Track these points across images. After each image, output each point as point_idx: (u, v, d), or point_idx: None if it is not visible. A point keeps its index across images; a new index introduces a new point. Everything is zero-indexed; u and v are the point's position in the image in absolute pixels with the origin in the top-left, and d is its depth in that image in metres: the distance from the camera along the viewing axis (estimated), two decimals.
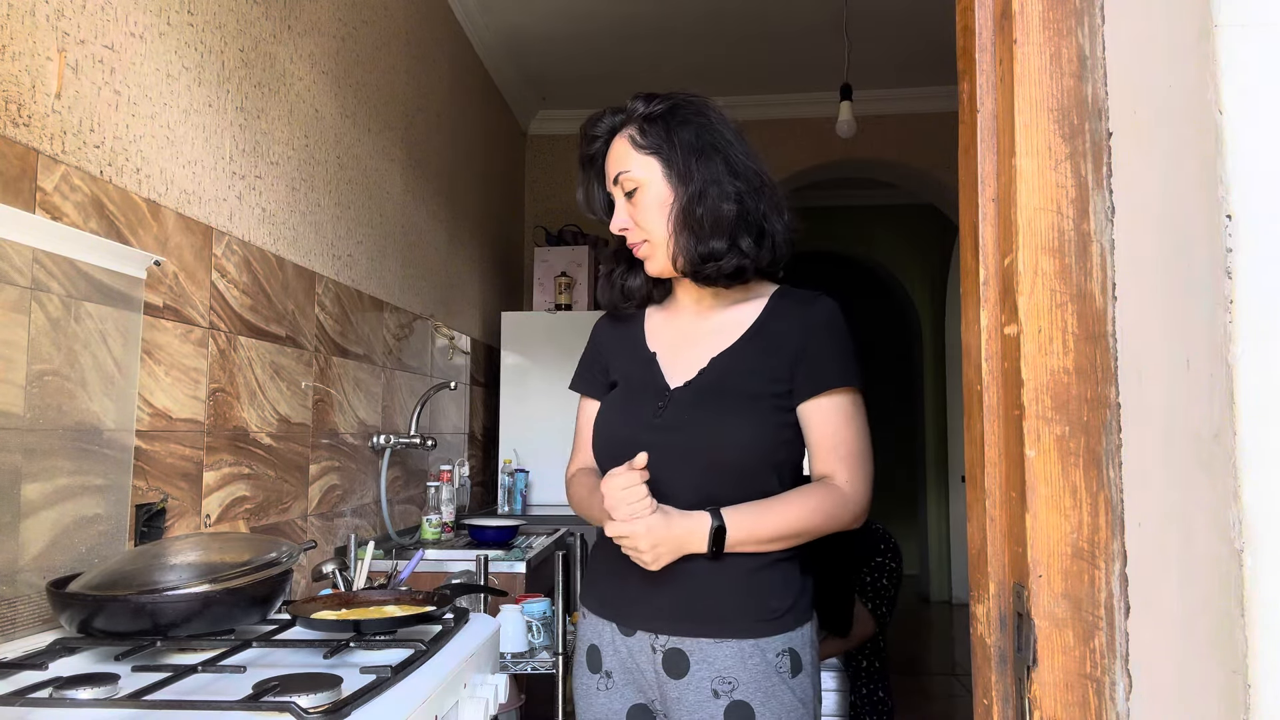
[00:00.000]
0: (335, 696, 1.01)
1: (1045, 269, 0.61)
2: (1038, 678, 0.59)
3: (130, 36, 1.61)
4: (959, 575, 6.71)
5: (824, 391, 1.34)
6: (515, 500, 3.69)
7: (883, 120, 4.77)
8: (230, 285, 1.92)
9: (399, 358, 3.01)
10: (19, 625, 1.30)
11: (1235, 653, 0.45)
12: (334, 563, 1.94)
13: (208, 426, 1.82)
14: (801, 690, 1.32)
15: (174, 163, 1.74)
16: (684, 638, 1.32)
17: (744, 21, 3.96)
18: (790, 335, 1.37)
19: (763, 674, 1.29)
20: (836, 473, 1.33)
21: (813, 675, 1.35)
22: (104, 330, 1.47)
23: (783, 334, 1.38)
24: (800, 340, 1.36)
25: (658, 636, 1.33)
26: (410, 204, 3.17)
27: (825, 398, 1.34)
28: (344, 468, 2.52)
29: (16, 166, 1.33)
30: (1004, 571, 0.66)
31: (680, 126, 1.40)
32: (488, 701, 1.34)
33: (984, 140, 0.68)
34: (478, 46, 4.02)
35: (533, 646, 2.22)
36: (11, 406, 1.27)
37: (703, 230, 1.33)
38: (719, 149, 1.37)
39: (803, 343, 1.36)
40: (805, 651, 1.34)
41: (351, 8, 2.63)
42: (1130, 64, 0.58)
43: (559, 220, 4.91)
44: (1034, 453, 0.60)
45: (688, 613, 1.31)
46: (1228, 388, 0.46)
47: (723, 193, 1.33)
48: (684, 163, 1.36)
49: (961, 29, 0.73)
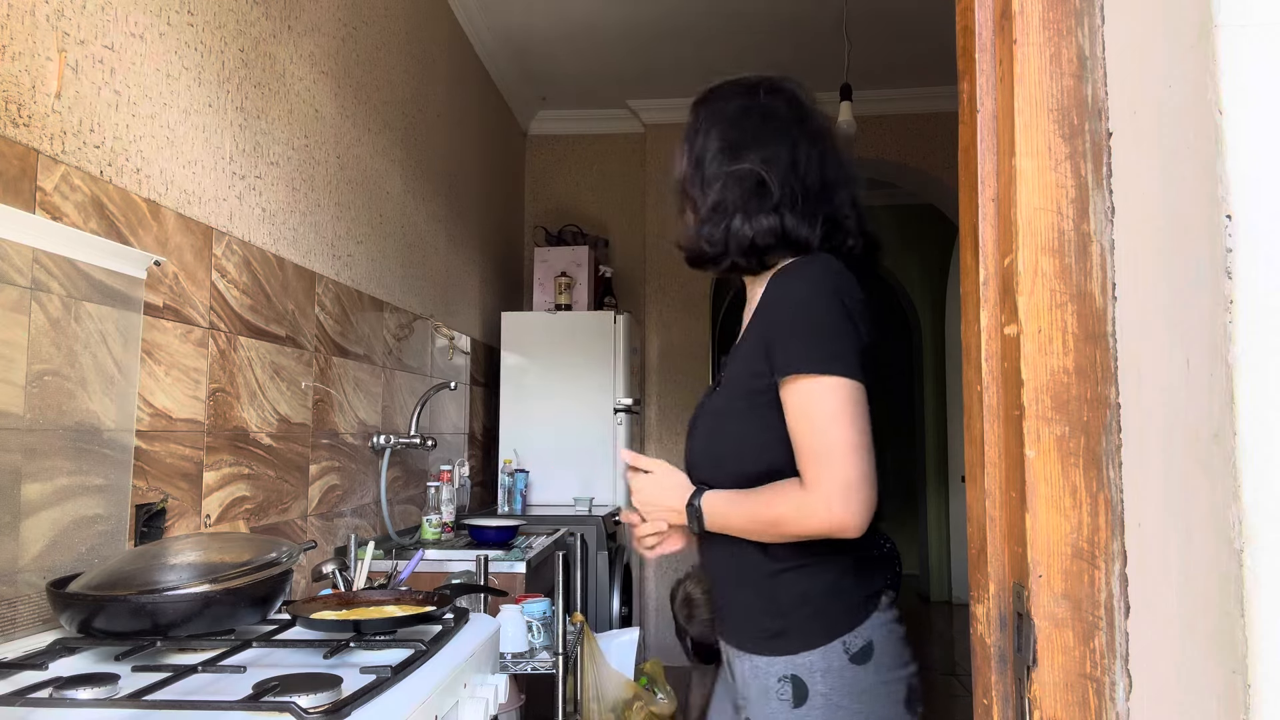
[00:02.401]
0: (335, 696, 1.01)
1: (1045, 269, 0.61)
2: (1038, 678, 0.59)
3: (130, 36, 1.61)
4: (959, 575, 6.71)
5: (783, 380, 1.17)
6: (515, 500, 3.69)
7: (883, 120, 4.77)
8: (230, 285, 1.92)
9: (399, 358, 3.01)
10: (19, 625, 1.30)
11: (1235, 653, 0.45)
12: (334, 563, 1.94)
13: (208, 426, 1.82)
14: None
15: (174, 163, 1.74)
16: (725, 643, 1.29)
17: (744, 21, 3.96)
18: (765, 315, 1.23)
19: (763, 697, 1.18)
20: (802, 473, 1.15)
21: (831, 711, 1.15)
22: (104, 330, 1.47)
23: (762, 315, 1.24)
24: (770, 318, 1.21)
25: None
26: (410, 204, 3.17)
27: (786, 387, 1.16)
28: (344, 468, 2.52)
29: (16, 166, 1.33)
30: (1004, 571, 0.66)
31: (695, 109, 1.35)
32: (488, 701, 1.34)
33: (984, 140, 0.68)
34: (478, 46, 4.02)
35: (533, 646, 2.22)
36: (11, 406, 1.27)
37: (684, 214, 1.32)
38: (710, 131, 1.30)
39: (770, 321, 1.21)
40: (820, 681, 1.15)
41: (351, 8, 2.63)
42: (1130, 64, 0.58)
43: (559, 220, 4.91)
44: (1034, 453, 0.60)
45: (722, 615, 1.28)
46: (1228, 388, 0.46)
47: (702, 177, 1.28)
48: (683, 146, 1.33)
49: (961, 29, 0.73)
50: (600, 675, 2.50)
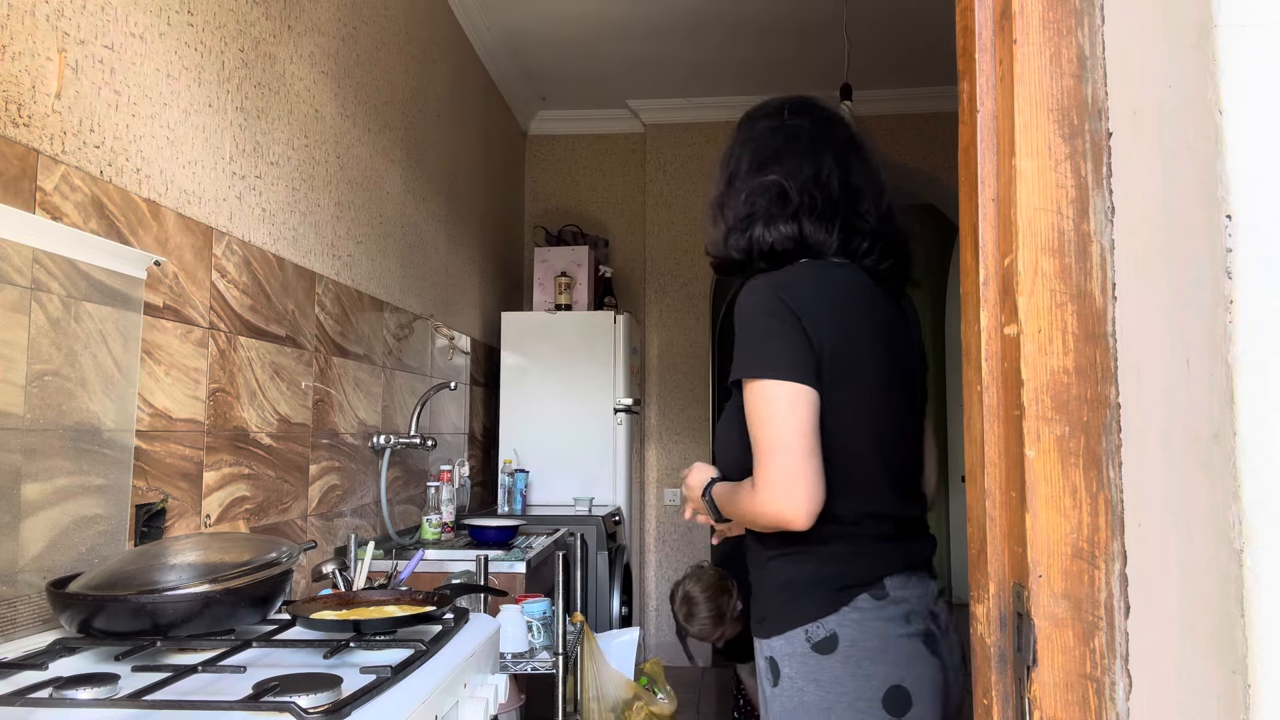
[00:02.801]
0: (335, 696, 1.01)
1: (1045, 269, 0.61)
2: (1038, 678, 0.59)
3: (130, 37, 1.61)
4: (959, 575, 6.71)
5: (735, 385, 1.29)
6: (515, 500, 3.69)
7: (883, 120, 4.77)
8: (230, 285, 1.92)
9: (399, 358, 3.01)
10: (19, 625, 1.30)
11: (1235, 653, 0.45)
12: (334, 563, 1.94)
13: (208, 426, 1.82)
14: (779, 705, 1.24)
15: (174, 163, 1.74)
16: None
17: (744, 21, 3.96)
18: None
19: (759, 676, 1.31)
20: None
21: (796, 694, 1.23)
22: (104, 330, 1.47)
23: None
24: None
25: None
26: (410, 204, 3.17)
27: (739, 393, 1.28)
28: (344, 468, 2.52)
29: (16, 166, 1.33)
30: (1004, 571, 0.66)
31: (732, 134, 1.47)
32: (488, 701, 1.34)
33: (984, 140, 0.68)
34: (478, 46, 4.02)
35: (533, 646, 2.22)
36: (11, 406, 1.27)
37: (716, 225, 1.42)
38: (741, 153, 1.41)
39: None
40: (786, 664, 1.25)
41: (351, 8, 2.63)
42: (1130, 64, 0.58)
43: (559, 220, 4.91)
44: (1034, 453, 0.60)
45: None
46: (1228, 388, 0.46)
47: (733, 192, 1.38)
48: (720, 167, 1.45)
49: (961, 29, 0.73)
50: (600, 675, 2.50)
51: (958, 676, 1.29)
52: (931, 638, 1.25)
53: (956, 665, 1.29)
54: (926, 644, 1.25)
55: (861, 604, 1.23)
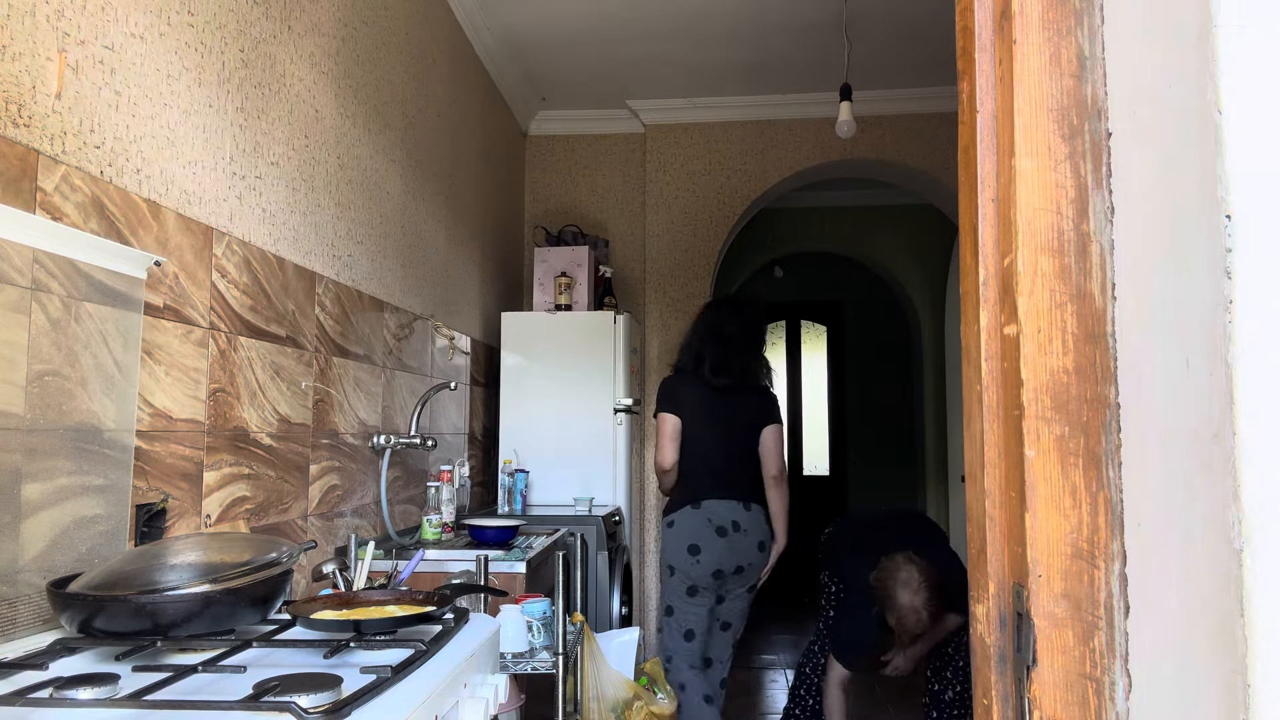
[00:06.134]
0: (335, 696, 1.01)
1: (1045, 269, 0.61)
2: (1038, 677, 0.59)
3: (130, 37, 1.61)
4: None
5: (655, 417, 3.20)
6: (515, 500, 3.69)
7: (883, 120, 4.77)
8: (230, 285, 1.92)
9: (399, 358, 3.01)
10: (19, 625, 1.30)
11: (1235, 653, 0.45)
12: (334, 563, 1.94)
13: (208, 427, 1.82)
14: (662, 540, 2.84)
15: (174, 163, 1.74)
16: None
17: (744, 22, 3.96)
18: None
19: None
20: None
21: (663, 539, 3.08)
22: (104, 330, 1.47)
23: None
24: None
25: None
26: (410, 204, 3.17)
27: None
28: (344, 468, 2.52)
29: (17, 166, 1.33)
30: (1004, 571, 0.66)
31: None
32: (488, 701, 1.34)
33: (984, 140, 0.68)
34: (478, 46, 4.02)
35: (533, 646, 2.22)
36: (11, 406, 1.27)
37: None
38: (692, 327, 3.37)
39: None
40: (663, 530, 2.85)
41: (351, 8, 2.63)
42: (1130, 64, 0.58)
43: (559, 220, 4.91)
44: (1034, 453, 0.60)
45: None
46: (1227, 388, 0.46)
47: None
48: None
49: (961, 29, 0.73)
50: (600, 675, 2.51)
51: (746, 554, 3.01)
52: (722, 530, 2.97)
53: (748, 547, 3.01)
54: (718, 532, 2.97)
55: (686, 510, 3.02)
